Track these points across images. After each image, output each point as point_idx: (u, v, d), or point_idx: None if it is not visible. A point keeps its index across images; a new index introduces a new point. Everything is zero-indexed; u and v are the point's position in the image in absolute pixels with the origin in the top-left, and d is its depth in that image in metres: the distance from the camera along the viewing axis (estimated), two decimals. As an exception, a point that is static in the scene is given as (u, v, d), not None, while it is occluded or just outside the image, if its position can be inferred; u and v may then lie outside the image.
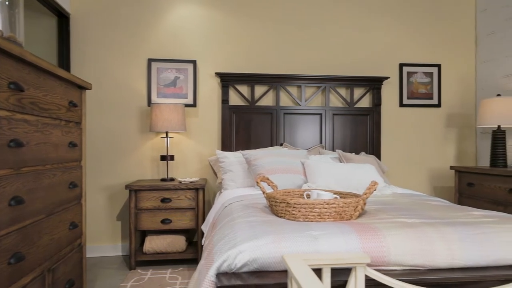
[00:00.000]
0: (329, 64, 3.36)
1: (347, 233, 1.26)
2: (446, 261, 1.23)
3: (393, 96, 3.44)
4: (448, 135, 3.50)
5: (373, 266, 1.22)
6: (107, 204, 3.11)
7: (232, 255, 1.17)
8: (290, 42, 3.32)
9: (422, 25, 3.47)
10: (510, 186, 2.57)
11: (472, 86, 3.54)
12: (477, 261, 1.25)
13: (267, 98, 3.28)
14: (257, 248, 1.19)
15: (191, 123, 3.21)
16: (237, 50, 3.26)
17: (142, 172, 3.15)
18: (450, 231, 1.30)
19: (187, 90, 3.20)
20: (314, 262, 1.07)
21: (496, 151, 2.93)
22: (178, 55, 3.19)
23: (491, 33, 3.34)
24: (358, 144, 3.32)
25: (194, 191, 2.79)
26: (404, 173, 3.45)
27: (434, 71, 3.47)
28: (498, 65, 3.26)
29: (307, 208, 1.55)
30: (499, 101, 2.88)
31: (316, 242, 1.22)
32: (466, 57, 3.52)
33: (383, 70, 3.42)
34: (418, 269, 1.23)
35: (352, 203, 1.58)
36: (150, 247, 2.74)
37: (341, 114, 3.30)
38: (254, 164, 2.61)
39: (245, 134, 3.20)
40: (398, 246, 1.22)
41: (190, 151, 3.21)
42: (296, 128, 3.26)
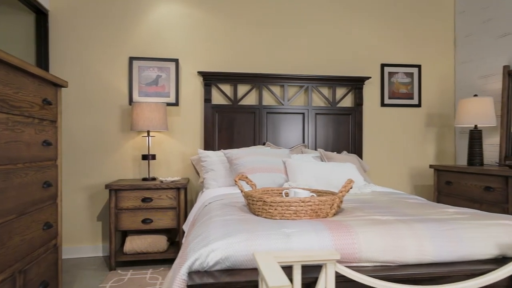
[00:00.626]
0: (311, 64, 3.39)
1: (320, 231, 1.27)
2: (416, 257, 1.26)
3: (375, 96, 3.49)
4: (428, 135, 3.57)
5: (345, 263, 1.23)
6: (87, 204, 3.06)
7: (204, 253, 1.17)
8: (273, 42, 3.33)
9: (403, 26, 3.52)
10: (485, 184, 2.63)
11: (451, 86, 3.61)
12: (446, 256, 1.27)
13: (250, 98, 3.28)
14: (230, 246, 1.19)
15: (173, 122, 3.19)
16: (220, 49, 3.25)
17: (124, 172, 3.11)
18: (421, 227, 1.32)
19: (169, 89, 3.17)
20: (284, 259, 1.07)
21: (473, 150, 3.00)
22: (160, 54, 3.17)
23: (469, 35, 3.42)
24: (340, 143, 3.35)
25: (175, 191, 2.77)
26: (386, 172, 3.50)
27: (414, 72, 3.53)
28: (476, 66, 3.34)
29: (283, 207, 1.55)
30: (476, 101, 2.94)
31: (289, 240, 1.23)
32: (445, 58, 3.60)
33: (365, 70, 3.47)
34: (389, 265, 1.25)
35: (328, 201, 1.59)
36: (131, 247, 2.71)
37: (323, 114, 3.33)
38: (236, 163, 2.60)
39: (228, 133, 3.20)
40: (369, 243, 1.24)
41: (172, 150, 3.19)
42: (279, 127, 3.27)
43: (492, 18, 3.16)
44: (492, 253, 1.31)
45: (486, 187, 2.61)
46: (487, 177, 2.61)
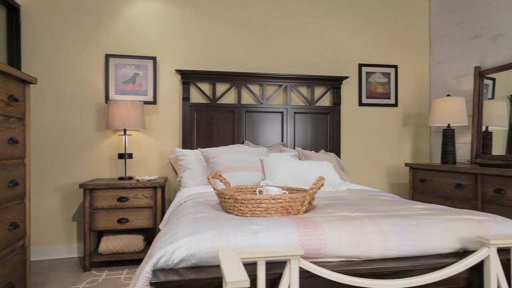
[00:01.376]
0: (290, 63, 3.41)
1: (287, 227, 1.28)
2: (381, 252, 1.28)
3: (353, 95, 3.54)
4: (405, 134, 3.65)
5: (311, 258, 1.25)
6: (62, 204, 2.99)
7: (169, 251, 1.16)
8: (252, 41, 3.33)
9: (380, 27, 3.58)
10: (457, 181, 2.70)
11: (427, 86, 3.70)
12: (409, 251, 1.30)
13: (229, 96, 3.28)
14: (196, 243, 1.19)
15: (151, 120, 3.15)
16: (198, 48, 3.23)
17: (100, 171, 3.06)
18: (386, 223, 1.35)
19: (147, 87, 3.14)
20: (248, 255, 1.07)
21: (446, 148, 3.08)
22: (138, 51, 3.13)
23: (443, 36, 3.51)
24: (319, 142, 3.39)
25: (152, 190, 2.74)
26: (363, 170, 3.55)
27: (391, 72, 3.60)
28: (449, 67, 3.43)
29: (254, 204, 1.56)
30: (448, 101, 3.02)
31: (256, 236, 1.24)
32: (421, 58, 3.68)
33: (343, 70, 3.51)
34: (354, 260, 1.27)
35: (299, 198, 1.60)
36: (106, 248, 2.67)
37: (302, 113, 3.35)
38: (213, 162, 2.60)
39: (206, 132, 3.19)
40: (335, 238, 1.26)
41: (150, 149, 3.15)
42: (258, 126, 3.28)
43: (464, 21, 3.25)
44: (454, 247, 1.35)
45: (457, 185, 2.68)
46: (458, 175, 2.69)
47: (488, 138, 2.98)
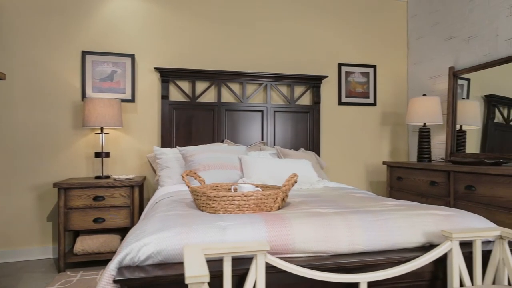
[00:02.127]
0: (270, 62, 3.42)
1: (256, 223, 1.29)
2: (348, 247, 1.30)
3: (332, 94, 3.58)
4: (383, 133, 3.71)
5: (279, 254, 1.26)
6: (36, 204, 2.92)
7: (135, 248, 1.15)
8: (232, 39, 3.33)
9: (359, 28, 3.63)
10: (431, 179, 2.77)
11: (405, 86, 3.77)
12: (376, 245, 1.33)
13: (209, 95, 3.27)
14: (163, 240, 1.18)
15: (129, 119, 3.11)
16: (178, 46, 3.21)
17: (76, 170, 3.00)
18: (354, 218, 1.37)
19: (125, 84, 3.09)
20: (213, 251, 1.07)
21: (422, 147, 3.15)
22: (115, 49, 3.08)
23: (420, 37, 3.59)
24: (298, 140, 3.41)
25: (129, 188, 2.70)
26: (343, 168, 3.60)
27: (370, 72, 3.66)
28: (426, 67, 3.51)
29: (226, 201, 1.56)
30: (424, 100, 3.09)
31: (224, 233, 1.24)
32: (399, 59, 3.75)
33: (323, 69, 3.55)
34: (322, 255, 1.29)
35: (271, 195, 1.61)
36: (81, 248, 2.62)
37: (282, 111, 3.37)
38: (190, 160, 2.58)
39: (186, 130, 3.17)
40: (303, 234, 1.27)
41: (128, 148, 3.11)
42: (238, 125, 3.28)
43: (439, 22, 3.33)
44: (420, 241, 1.38)
45: (432, 182, 2.75)
46: (432, 172, 2.75)
47: (462, 137, 3.06)
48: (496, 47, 2.75)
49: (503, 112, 2.69)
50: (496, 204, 2.18)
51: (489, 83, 2.80)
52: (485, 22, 2.85)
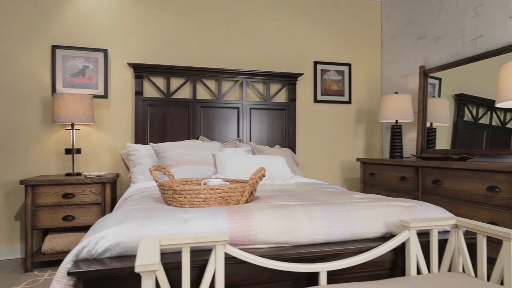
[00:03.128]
0: (246, 59, 3.43)
1: (217, 215, 1.29)
2: (310, 238, 1.32)
3: (308, 92, 3.62)
4: (358, 130, 3.77)
5: (241, 245, 1.26)
6: (4, 203, 2.83)
7: (93, 240, 1.13)
8: (208, 36, 3.31)
9: (335, 27, 3.69)
10: (401, 174, 2.84)
11: (379, 84, 3.85)
12: (338, 236, 1.35)
13: (184, 91, 3.24)
14: (122, 232, 1.16)
15: (102, 115, 3.05)
16: (152, 41, 3.17)
17: (46, 168, 2.92)
18: (316, 209, 1.39)
19: (97, 80, 3.03)
20: (171, 242, 1.07)
21: (394, 143, 3.22)
22: (87, 43, 3.02)
23: (393, 37, 3.67)
24: (274, 137, 3.43)
25: (100, 185, 2.65)
26: (318, 165, 3.64)
27: (345, 70, 3.71)
28: (398, 66, 3.59)
29: (192, 195, 1.55)
30: (396, 98, 3.16)
31: (185, 225, 1.23)
32: (373, 58, 3.83)
33: (299, 67, 3.58)
34: (284, 246, 1.30)
35: (238, 189, 1.62)
36: (50, 247, 2.56)
37: (258, 109, 3.38)
38: (163, 156, 2.56)
39: (160, 127, 3.13)
40: (264, 225, 1.28)
41: (101, 144, 3.05)
42: (213, 121, 3.27)
43: (411, 22, 3.41)
44: (380, 232, 1.41)
45: (402, 177, 2.82)
46: (403, 168, 2.82)
47: (433, 134, 3.15)
48: (463, 46, 2.84)
49: (472, 111, 2.79)
50: (460, 197, 2.25)
51: (459, 83, 2.89)
52: (452, 23, 2.94)
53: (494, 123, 2.57)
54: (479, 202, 2.12)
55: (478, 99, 2.73)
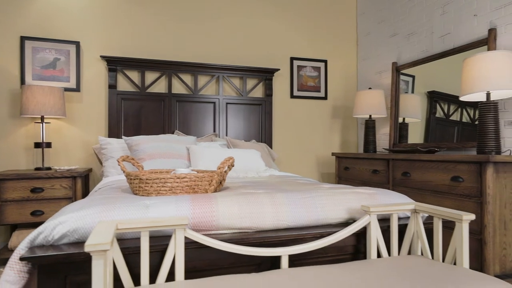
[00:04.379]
0: (223, 53, 3.42)
1: (181, 201, 1.29)
2: (273, 223, 1.33)
3: (285, 87, 3.65)
4: (334, 125, 3.83)
5: (204, 231, 1.26)
6: (-32, 198, 2.73)
7: (49, 226, 1.11)
8: (184, 30, 3.30)
9: (311, 23, 3.73)
10: (374, 167, 2.90)
11: (354, 81, 3.92)
12: (300, 221, 1.37)
13: (159, 85, 3.21)
14: (81, 218, 1.15)
15: (74, 108, 2.99)
16: (127, 34, 3.13)
17: (15, 162, 2.84)
18: (280, 196, 1.41)
19: (69, 73, 2.97)
20: (129, 226, 1.06)
21: (368, 138, 3.28)
22: (59, 35, 2.95)
23: (367, 34, 3.74)
24: (251, 132, 3.44)
25: (71, 180, 2.60)
26: (295, 160, 3.67)
27: (321, 66, 3.76)
28: (372, 63, 3.67)
29: (159, 183, 1.54)
30: (369, 93, 3.23)
31: (147, 210, 1.23)
32: (349, 54, 3.89)
33: (275, 63, 3.60)
34: (246, 231, 1.31)
35: (206, 178, 1.62)
36: (17, 242, 2.48)
37: (234, 103, 3.39)
38: (135, 149, 2.53)
39: (135, 121, 3.09)
40: (227, 210, 1.29)
41: (73, 138, 2.99)
42: (189, 116, 3.25)
43: (384, 20, 3.49)
44: (343, 217, 1.44)
45: (374, 170, 2.88)
46: (375, 161, 2.88)
47: (405, 129, 3.23)
48: (432, 43, 2.93)
49: (444, 108, 2.87)
50: (427, 188, 2.32)
51: (431, 80, 2.97)
52: (422, 20, 3.02)
53: (465, 120, 2.65)
54: (444, 192, 2.19)
55: (450, 96, 2.81)
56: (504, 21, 2.34)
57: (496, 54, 2.06)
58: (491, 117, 2.12)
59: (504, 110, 2.34)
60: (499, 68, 2.04)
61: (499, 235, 1.93)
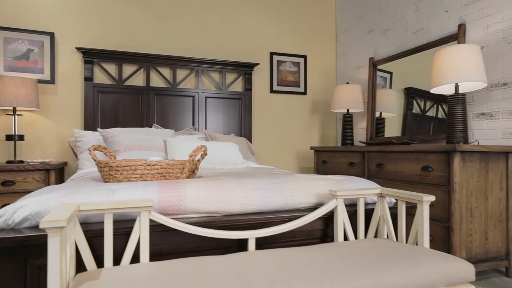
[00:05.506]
0: (202, 48, 3.42)
1: (148, 186, 1.28)
2: (241, 207, 1.34)
3: (265, 82, 3.67)
4: (313, 120, 3.87)
5: (171, 215, 1.26)
6: None
7: (10, 210, 1.09)
8: (163, 22, 3.27)
9: (292, 19, 3.76)
10: (350, 160, 2.95)
11: (333, 76, 3.97)
12: (269, 206, 1.39)
13: (137, 78, 3.18)
14: (43, 201, 1.13)
15: (48, 101, 2.93)
16: (103, 26, 3.09)
17: (-14, 155, 2.76)
18: (249, 181, 1.42)
19: (43, 64, 2.91)
20: (91, 207, 1.06)
21: (345, 132, 3.34)
22: (32, 25, 2.88)
23: (346, 31, 3.80)
24: (231, 127, 3.44)
25: (44, 173, 2.55)
26: (274, 154, 3.70)
27: (301, 62, 3.80)
28: (351, 58, 3.73)
29: (129, 171, 1.53)
30: (347, 88, 3.28)
31: (113, 194, 1.22)
32: (328, 50, 3.94)
33: (255, 57, 3.62)
34: (214, 215, 1.32)
35: (177, 165, 1.62)
36: (-13, 237, 2.42)
37: (214, 98, 3.38)
38: (111, 141, 2.50)
39: (112, 115, 3.05)
40: (195, 194, 1.29)
41: (47, 131, 2.93)
42: (168, 110, 3.23)
43: (362, 16, 3.55)
44: (311, 202, 1.46)
45: (350, 163, 2.93)
46: (351, 154, 2.93)
47: (382, 123, 3.29)
48: (406, 39, 3.00)
49: (420, 104, 2.94)
50: (399, 178, 2.38)
51: (408, 77, 3.04)
52: (397, 16, 3.09)
53: (440, 116, 2.72)
54: (415, 181, 2.25)
55: (426, 93, 2.88)
56: (473, 17, 2.42)
57: (464, 48, 2.13)
58: (459, 109, 2.19)
59: (473, 103, 2.42)
60: (467, 61, 2.11)
61: (465, 222, 2.00)
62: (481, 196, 2.05)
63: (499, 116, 2.25)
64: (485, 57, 2.33)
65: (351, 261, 1.08)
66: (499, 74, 2.25)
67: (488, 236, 2.06)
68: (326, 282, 0.95)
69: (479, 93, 2.38)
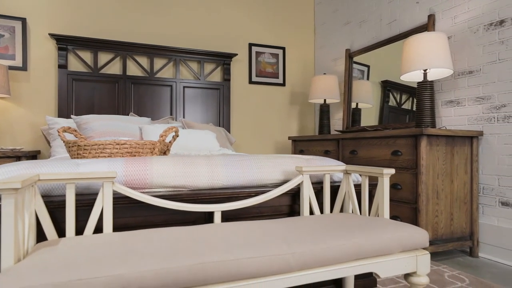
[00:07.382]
0: (181, 37, 3.40)
1: (113, 161, 1.28)
2: (208, 182, 1.36)
3: (243, 73, 3.68)
4: (292, 111, 3.92)
5: (138, 189, 1.27)
6: None
7: (-32, 181, 1.08)
8: (140, 10, 3.24)
9: (271, 11, 3.79)
10: (326, 148, 3.00)
11: (312, 68, 4.03)
12: (236, 182, 1.41)
13: (114, 67, 3.15)
14: (5, 173, 1.12)
15: (20, 88, 2.87)
16: (78, 12, 3.04)
17: (-47, 143, 2.68)
18: (217, 158, 1.44)
19: (14, 51, 2.84)
20: (52, 177, 1.05)
21: (322, 122, 3.39)
22: (3, 10, 2.81)
23: (323, 23, 3.85)
24: (209, 117, 3.45)
25: (15, 160, 2.49)
26: (253, 145, 3.72)
27: (279, 53, 3.83)
28: (328, 50, 3.79)
29: (97, 149, 1.53)
30: (324, 78, 3.33)
31: (77, 168, 1.21)
32: (306, 42, 3.99)
33: (234, 48, 3.63)
34: (181, 190, 1.33)
35: (148, 145, 1.62)
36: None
37: (192, 87, 3.38)
38: (84, 128, 2.47)
39: (87, 103, 3.01)
40: (161, 169, 1.30)
41: (19, 119, 2.86)
42: (145, 99, 3.21)
43: (338, 9, 3.61)
44: (279, 179, 1.49)
45: (326, 151, 2.98)
46: (326, 142, 2.99)
47: (358, 114, 3.36)
48: (380, 30, 3.07)
49: (396, 97, 3.01)
50: (372, 164, 2.44)
51: (385, 70, 3.10)
52: (372, 8, 3.16)
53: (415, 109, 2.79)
54: (386, 166, 2.32)
55: (401, 86, 2.96)
56: (441, 8, 2.50)
57: (432, 35, 2.20)
58: (428, 95, 2.26)
59: (441, 91, 2.50)
60: (434, 48, 2.18)
61: (432, 203, 2.07)
62: (447, 179, 2.13)
63: (465, 103, 2.33)
64: (453, 46, 2.41)
65: (311, 230, 1.12)
66: (465, 62, 2.33)
67: (453, 217, 2.14)
68: (285, 245, 0.98)
69: (447, 81, 2.46)
